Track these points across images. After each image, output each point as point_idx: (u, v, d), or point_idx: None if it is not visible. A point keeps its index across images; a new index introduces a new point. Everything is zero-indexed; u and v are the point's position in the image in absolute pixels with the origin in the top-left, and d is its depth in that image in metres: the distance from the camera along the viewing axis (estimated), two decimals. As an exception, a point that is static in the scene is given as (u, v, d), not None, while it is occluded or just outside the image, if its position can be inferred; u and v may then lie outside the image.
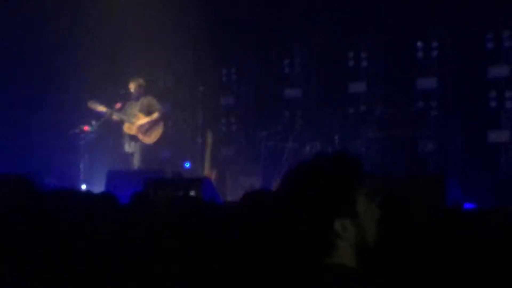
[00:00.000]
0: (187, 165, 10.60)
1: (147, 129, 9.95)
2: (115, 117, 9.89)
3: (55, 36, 10.91)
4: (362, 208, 1.98)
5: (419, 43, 9.83)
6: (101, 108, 9.81)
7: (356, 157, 2.06)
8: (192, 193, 5.61)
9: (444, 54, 9.70)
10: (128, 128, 9.95)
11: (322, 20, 10.27)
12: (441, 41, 9.70)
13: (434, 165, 9.23)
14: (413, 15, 9.71)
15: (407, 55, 9.95)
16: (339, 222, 1.92)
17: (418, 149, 9.21)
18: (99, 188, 9.00)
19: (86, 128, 9.88)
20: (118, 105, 9.92)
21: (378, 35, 10.13)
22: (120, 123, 9.98)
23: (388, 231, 2.68)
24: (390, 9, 9.81)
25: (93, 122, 9.87)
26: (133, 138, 9.95)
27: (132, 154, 9.99)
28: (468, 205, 7.06)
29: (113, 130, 10.22)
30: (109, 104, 9.89)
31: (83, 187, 9.73)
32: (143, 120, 9.93)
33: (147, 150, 9.97)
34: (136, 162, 9.93)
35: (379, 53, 10.17)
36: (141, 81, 10.10)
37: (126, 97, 10.03)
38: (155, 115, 10.00)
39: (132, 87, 9.98)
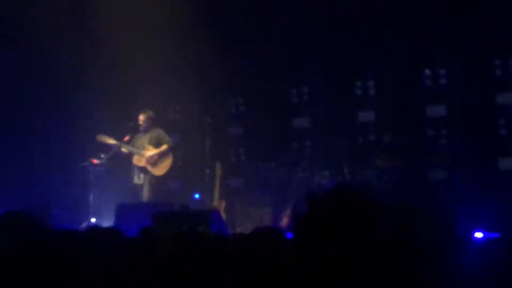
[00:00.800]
0: (197, 196, 10.57)
1: (156, 160, 9.97)
2: (124, 149, 9.92)
3: (64, 69, 11.02)
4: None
5: (427, 71, 9.83)
6: (110, 141, 9.85)
7: (366, 189, 2.07)
8: (200, 227, 5.60)
9: (452, 81, 9.69)
10: (138, 160, 9.97)
11: (330, 49, 10.29)
12: (449, 69, 9.70)
13: (444, 193, 9.18)
14: (420, 43, 9.72)
15: (416, 83, 9.94)
16: (362, 257, 1.93)
17: (428, 178, 9.17)
18: (108, 221, 9.01)
19: (95, 161, 9.92)
20: (127, 138, 9.96)
21: (386, 64, 10.15)
22: (129, 155, 10.01)
23: (398, 263, 2.68)
24: (397, 37, 9.83)
25: (102, 155, 9.90)
26: (142, 170, 9.97)
27: (141, 186, 9.99)
28: (478, 234, 7.01)
29: (122, 162, 10.23)
30: (118, 136, 9.93)
31: (93, 220, 9.74)
32: (152, 152, 9.96)
33: (156, 182, 9.98)
34: (145, 194, 9.93)
35: (387, 81, 10.17)
36: (150, 113, 10.15)
37: (135, 130, 10.06)
38: (164, 147, 10.02)
39: (141, 119, 10.03)
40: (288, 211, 8.73)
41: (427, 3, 9.61)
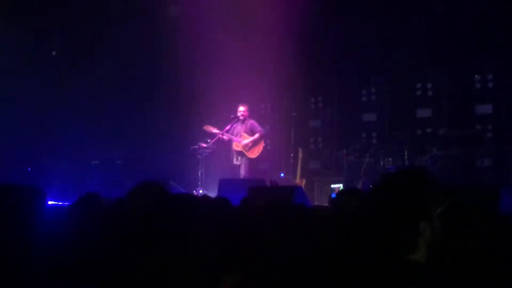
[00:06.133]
0: (282, 175, 10.63)
1: (250, 146, 10.07)
2: (225, 137, 10.08)
3: (186, 85, 11.41)
4: (433, 213, 1.98)
5: (476, 76, 9.54)
6: (214, 130, 10.03)
7: (430, 174, 2.07)
8: (287, 199, 5.65)
9: (498, 85, 9.36)
10: (236, 146, 10.10)
11: (392, 58, 10.11)
12: (495, 74, 9.39)
13: (490, 177, 8.88)
14: (470, 53, 9.41)
15: (466, 86, 9.66)
16: (422, 224, 1.93)
17: (476, 164, 8.88)
18: (213, 192, 9.20)
19: (203, 145, 10.13)
20: (227, 127, 10.11)
21: (442, 70, 9.90)
22: (229, 141, 10.17)
23: (452, 232, 2.63)
24: (450, 49, 9.55)
25: (209, 140, 10.11)
26: (240, 153, 10.09)
27: (238, 166, 10.13)
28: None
29: (224, 146, 10.41)
30: (221, 126, 10.11)
31: (201, 191, 9.97)
32: (247, 139, 10.07)
33: (250, 163, 10.08)
34: (242, 172, 10.06)
35: (443, 84, 9.94)
36: (246, 107, 10.25)
37: (234, 120, 10.20)
38: (257, 135, 10.12)
39: (240, 111, 10.15)
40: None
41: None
